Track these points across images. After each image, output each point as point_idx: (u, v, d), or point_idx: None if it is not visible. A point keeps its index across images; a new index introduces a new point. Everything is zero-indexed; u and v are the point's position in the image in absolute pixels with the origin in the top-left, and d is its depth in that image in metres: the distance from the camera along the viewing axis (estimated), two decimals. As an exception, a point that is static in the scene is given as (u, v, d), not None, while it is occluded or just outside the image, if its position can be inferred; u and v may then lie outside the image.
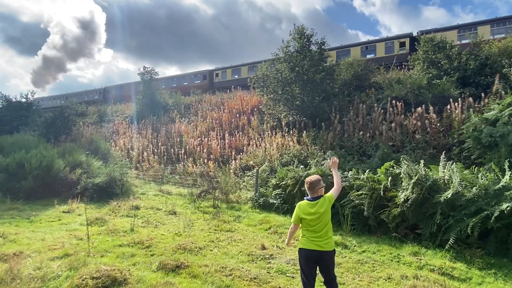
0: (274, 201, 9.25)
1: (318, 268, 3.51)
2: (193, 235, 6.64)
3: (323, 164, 9.47)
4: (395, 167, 7.68)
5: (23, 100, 27.49)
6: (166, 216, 8.48)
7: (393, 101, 13.56)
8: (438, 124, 11.84)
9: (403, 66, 17.82)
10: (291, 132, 14.60)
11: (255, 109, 18.80)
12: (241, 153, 15.01)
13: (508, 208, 5.38)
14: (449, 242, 5.64)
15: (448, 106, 12.11)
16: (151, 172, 15.82)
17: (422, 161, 7.33)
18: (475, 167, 7.14)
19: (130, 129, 21.77)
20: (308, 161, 10.96)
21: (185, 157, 16.40)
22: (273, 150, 13.58)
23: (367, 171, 8.05)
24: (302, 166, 9.97)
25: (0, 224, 7.05)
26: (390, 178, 7.26)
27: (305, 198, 3.57)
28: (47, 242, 5.71)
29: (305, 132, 13.96)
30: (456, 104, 11.88)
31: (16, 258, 4.56)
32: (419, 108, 12.61)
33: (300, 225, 3.51)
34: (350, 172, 8.34)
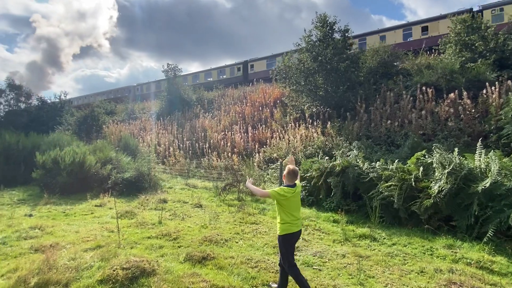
0: (299, 194, 9.12)
1: None
2: (219, 227, 6.69)
3: (349, 155, 9.20)
4: (426, 157, 7.31)
5: (57, 100, 28.98)
6: (193, 209, 8.62)
7: (423, 88, 12.90)
8: (473, 110, 11.12)
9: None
10: (315, 124, 14.31)
11: (278, 101, 18.62)
12: (264, 146, 14.95)
13: (555, 197, 4.96)
14: (487, 235, 5.31)
15: (484, 91, 11.33)
16: (177, 166, 16.16)
17: (456, 149, 6.92)
18: (516, 155, 6.64)
19: (156, 125, 22.31)
20: (333, 153, 10.70)
21: (209, 151, 16.59)
22: (296, 142, 13.40)
23: (396, 161, 7.74)
24: (327, 158, 9.75)
25: (39, 217, 7.47)
26: (421, 168, 6.93)
27: (283, 185, 3.80)
28: (80, 234, 5.96)
29: (329, 123, 13.63)
30: (493, 88, 11.08)
31: (52, 249, 4.79)
32: (452, 94, 11.90)
33: (279, 212, 3.74)
34: (378, 162, 8.04)
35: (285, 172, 3.80)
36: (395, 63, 16.29)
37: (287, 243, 3.68)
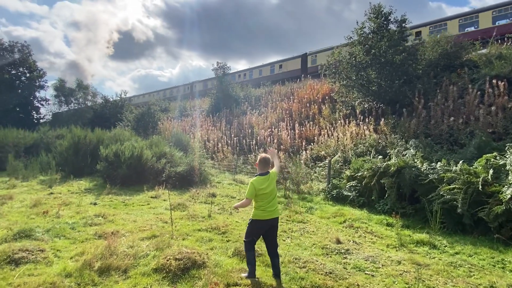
0: (349, 194, 8.77)
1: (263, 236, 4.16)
2: (266, 224, 6.68)
3: (406, 155, 8.59)
4: (498, 158, 6.52)
5: (118, 99, 31.50)
6: (240, 204, 8.73)
7: (493, 81, 11.55)
8: (557, 106, 9.69)
9: (506, 39, 15.05)
10: (367, 120, 13.63)
11: (327, 97, 18.08)
12: (312, 143, 14.64)
13: None
14: None
15: None
16: (225, 162, 16.57)
17: (536, 150, 6.07)
18: None
19: (206, 122, 23.10)
20: (387, 151, 10.09)
21: (256, 147, 16.72)
22: (346, 139, 12.88)
23: (460, 162, 7.04)
24: (380, 157, 9.22)
25: (102, 206, 8.15)
26: (491, 171, 6.20)
27: (256, 174, 4.12)
28: (138, 224, 6.37)
29: (383, 119, 12.88)
30: None
31: (113, 236, 5.18)
32: (530, 87, 10.49)
33: (254, 198, 4.01)
34: (439, 163, 7.39)
35: (257, 161, 4.13)
36: (466, 52, 14.74)
37: (255, 227, 4.01)
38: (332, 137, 13.93)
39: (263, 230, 4.06)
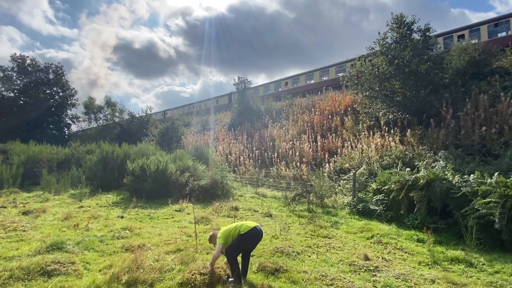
0: (376, 208, 8.48)
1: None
2: (290, 238, 6.57)
3: (435, 167, 8.24)
4: (538, 169, 6.12)
5: (143, 115, 32.61)
6: (263, 218, 8.66)
7: (528, 88, 10.99)
8: None
9: None
10: (392, 131, 13.27)
11: (349, 109, 17.84)
12: (335, 156, 14.39)
13: None
14: None
15: None
16: (247, 175, 16.58)
17: None
18: None
19: (227, 135, 23.36)
20: (415, 163, 9.73)
21: (278, 160, 16.65)
22: (371, 151, 12.57)
23: (496, 174, 6.66)
24: (408, 169, 8.89)
25: (128, 219, 8.34)
26: (531, 183, 5.81)
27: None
28: (163, 237, 6.44)
29: (409, 130, 12.49)
30: None
31: (140, 249, 5.26)
32: None
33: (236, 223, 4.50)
34: (472, 175, 7.02)
35: (211, 239, 4.72)
36: (496, 59, 14.19)
37: (249, 239, 4.33)
38: (356, 149, 13.65)
39: (253, 241, 4.37)
